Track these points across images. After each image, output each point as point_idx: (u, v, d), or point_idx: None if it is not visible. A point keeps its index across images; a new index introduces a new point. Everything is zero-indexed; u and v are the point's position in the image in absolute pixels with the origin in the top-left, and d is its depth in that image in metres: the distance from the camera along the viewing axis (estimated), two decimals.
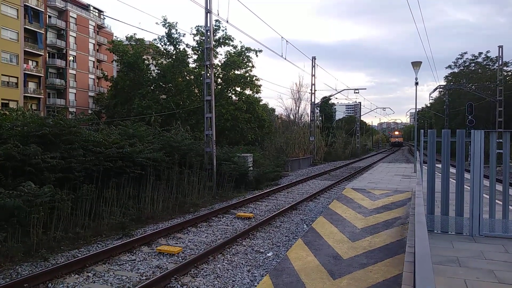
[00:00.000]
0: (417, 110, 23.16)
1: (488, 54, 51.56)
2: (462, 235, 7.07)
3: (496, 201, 7.24)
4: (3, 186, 8.04)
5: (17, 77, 44.94)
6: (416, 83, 19.73)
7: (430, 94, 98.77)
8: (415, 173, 17.43)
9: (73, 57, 55.17)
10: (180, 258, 7.73)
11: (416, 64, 18.59)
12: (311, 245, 7.11)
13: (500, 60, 36.00)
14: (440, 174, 7.52)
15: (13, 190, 7.94)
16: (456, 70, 56.00)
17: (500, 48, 34.92)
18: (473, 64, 53.87)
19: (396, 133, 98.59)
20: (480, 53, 52.53)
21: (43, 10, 50.16)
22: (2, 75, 42.95)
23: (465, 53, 54.29)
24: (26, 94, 46.68)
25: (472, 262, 5.62)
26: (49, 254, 7.63)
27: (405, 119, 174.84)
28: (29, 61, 48.88)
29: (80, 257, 7.32)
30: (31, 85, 49.28)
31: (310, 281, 5.51)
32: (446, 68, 57.81)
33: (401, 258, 5.96)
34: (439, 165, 7.76)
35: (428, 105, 76.99)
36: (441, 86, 52.10)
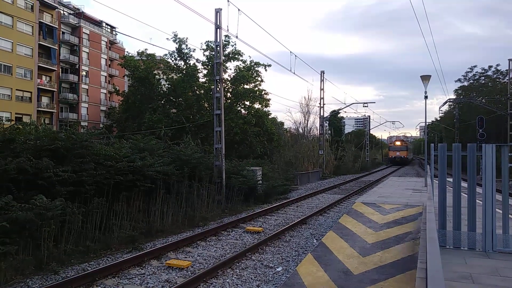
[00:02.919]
0: (427, 123, 23.02)
1: (498, 68, 51.38)
2: (475, 251, 6.96)
3: (510, 216, 7.13)
4: (15, 199, 8.14)
5: (31, 92, 45.82)
6: (426, 97, 19.65)
7: (439, 108, 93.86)
8: (426, 187, 17.23)
9: (86, 72, 56.16)
10: (189, 272, 7.71)
11: (425, 78, 18.55)
12: (321, 260, 7.05)
13: (510, 73, 35.79)
14: (452, 189, 7.44)
15: (25, 203, 8.03)
16: (465, 83, 55.82)
17: (510, 61, 34.71)
18: (483, 78, 53.62)
19: (398, 143, 67.20)
20: (490, 67, 52.38)
21: (57, 27, 51.34)
22: (16, 89, 43.83)
23: (475, 66, 54.19)
24: (39, 108, 47.48)
25: (486, 279, 5.51)
26: (59, 268, 7.68)
27: (414, 132, 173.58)
28: (43, 76, 49.85)
29: (90, 270, 7.35)
30: (45, 100, 50.17)
31: None
32: (456, 81, 57.69)
33: (413, 274, 5.87)
34: (450, 179, 7.68)
35: (438, 118, 76.56)
36: (451, 100, 51.80)
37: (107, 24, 61.72)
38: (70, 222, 8.84)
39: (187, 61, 32.80)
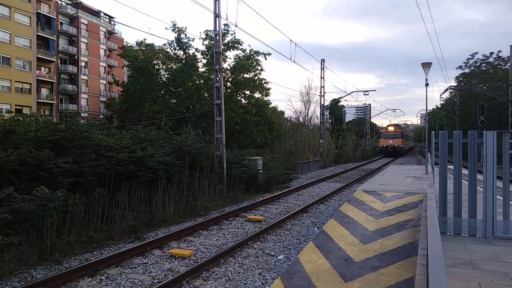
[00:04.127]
0: (428, 111, 22.96)
1: (500, 54, 50.95)
2: (476, 237, 6.98)
3: (510, 202, 7.14)
4: (17, 191, 8.16)
5: (30, 83, 45.68)
6: (427, 84, 19.55)
7: (440, 95, 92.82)
8: (427, 175, 17.25)
9: (85, 63, 55.92)
10: (192, 261, 7.77)
11: (426, 65, 18.45)
12: (322, 248, 7.09)
13: None
14: (452, 176, 7.45)
15: (27, 194, 8.06)
16: (467, 70, 55.43)
17: None
18: (484, 64, 53.25)
19: (391, 129, 53.17)
20: (492, 53, 51.94)
21: (55, 17, 50.96)
22: (15, 81, 43.71)
23: (476, 53, 53.74)
24: (39, 100, 47.41)
25: (486, 265, 5.54)
26: (62, 258, 7.74)
27: (415, 120, 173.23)
28: (42, 67, 49.65)
29: (93, 260, 7.41)
30: (44, 91, 50.05)
31: (322, 284, 5.50)
32: (457, 68, 57.27)
33: (414, 261, 5.91)
34: (451, 167, 7.68)
35: (439, 106, 76.28)
36: (452, 87, 51.61)
37: (105, 14, 61.24)
38: (72, 213, 8.88)
39: (187, 50, 32.60)
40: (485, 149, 6.98)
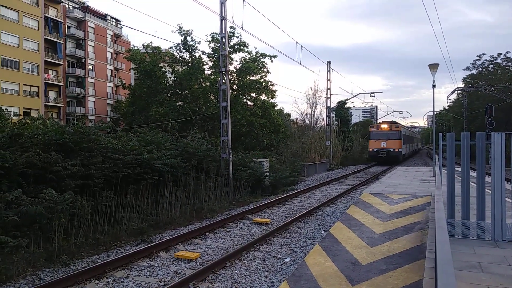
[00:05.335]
0: (435, 113, 22.80)
1: (508, 55, 50.48)
2: (484, 240, 6.91)
3: None
4: (25, 193, 8.22)
5: (38, 87, 46.08)
6: (434, 86, 19.44)
7: (448, 97, 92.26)
8: (434, 177, 17.13)
9: (92, 66, 56.32)
10: (198, 264, 7.77)
11: (433, 67, 18.35)
12: (329, 250, 7.06)
13: None
14: (460, 178, 7.38)
15: (35, 197, 8.12)
16: (474, 71, 54.97)
17: None
18: (492, 65, 52.78)
19: (384, 127, 39.44)
20: (499, 54, 51.47)
21: (63, 21, 51.42)
22: (23, 84, 44.11)
23: (484, 54, 53.29)
24: (46, 103, 47.77)
25: (495, 268, 5.48)
26: (70, 260, 7.77)
27: (422, 122, 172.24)
28: (50, 70, 50.07)
29: (100, 262, 7.44)
30: (52, 94, 50.47)
31: (329, 287, 5.47)
32: (464, 70, 56.90)
33: (421, 264, 5.86)
34: (459, 169, 7.62)
35: (446, 107, 75.71)
36: (459, 88, 51.25)
37: (112, 17, 61.68)
38: (79, 215, 8.92)
39: (193, 53, 32.74)
40: (493, 151, 6.91)
